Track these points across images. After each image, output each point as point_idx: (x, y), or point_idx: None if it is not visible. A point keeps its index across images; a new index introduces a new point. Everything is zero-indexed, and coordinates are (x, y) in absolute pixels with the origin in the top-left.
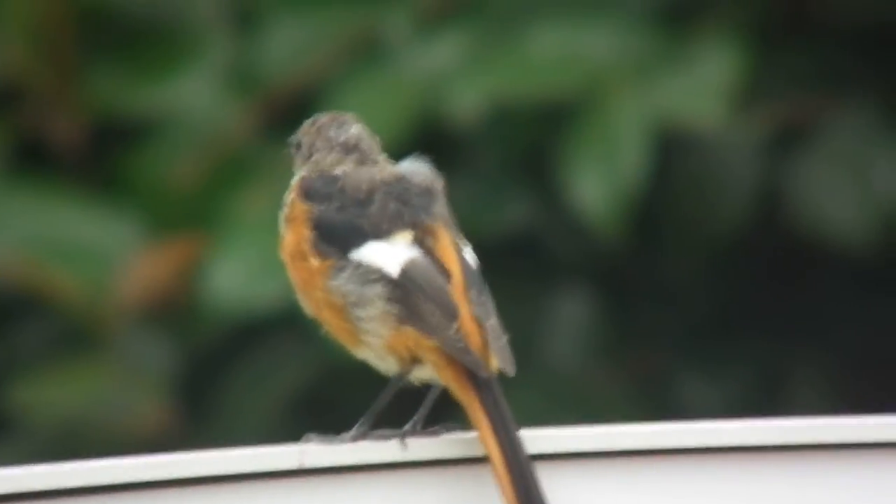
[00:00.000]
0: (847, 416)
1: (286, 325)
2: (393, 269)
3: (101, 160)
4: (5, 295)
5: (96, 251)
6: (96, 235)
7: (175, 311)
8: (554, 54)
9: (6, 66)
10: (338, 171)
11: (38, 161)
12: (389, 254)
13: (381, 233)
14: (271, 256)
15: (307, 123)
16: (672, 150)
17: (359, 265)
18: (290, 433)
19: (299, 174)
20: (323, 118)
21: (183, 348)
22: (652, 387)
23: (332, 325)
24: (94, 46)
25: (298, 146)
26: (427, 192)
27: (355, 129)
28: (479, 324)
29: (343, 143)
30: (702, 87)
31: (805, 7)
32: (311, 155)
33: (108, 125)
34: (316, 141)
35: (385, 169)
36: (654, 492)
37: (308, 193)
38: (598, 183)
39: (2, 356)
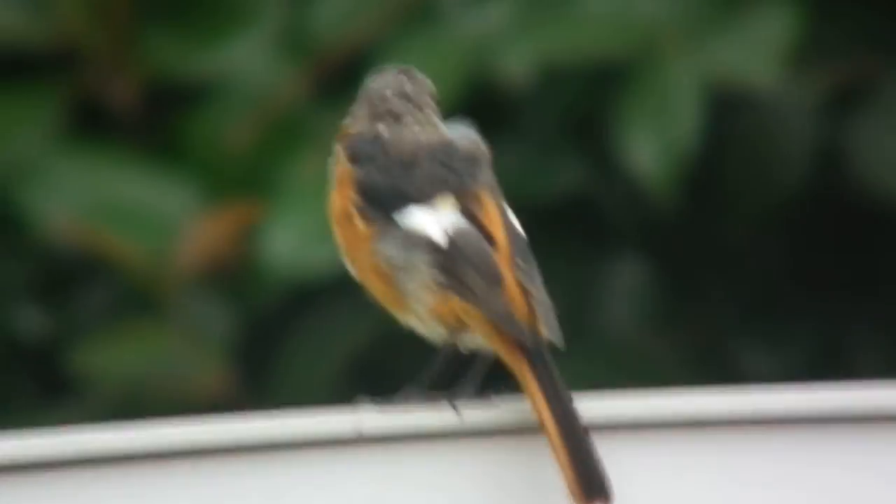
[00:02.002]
0: None
1: (341, 289)
2: (438, 235)
3: (157, 124)
4: (66, 259)
5: (155, 215)
6: (154, 199)
7: (232, 275)
8: (606, 15)
9: (63, 30)
10: (381, 130)
11: (95, 125)
12: (434, 220)
13: (425, 198)
14: (325, 220)
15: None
16: (727, 112)
17: (404, 230)
18: (344, 397)
19: (343, 125)
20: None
21: (240, 312)
22: (709, 354)
23: (377, 289)
24: (149, 10)
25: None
26: (472, 158)
27: (377, 83)
28: (524, 291)
29: (366, 95)
30: (757, 47)
31: None
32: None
33: (164, 89)
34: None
35: (430, 132)
36: (712, 460)
37: (354, 155)
38: (651, 145)
39: (64, 320)
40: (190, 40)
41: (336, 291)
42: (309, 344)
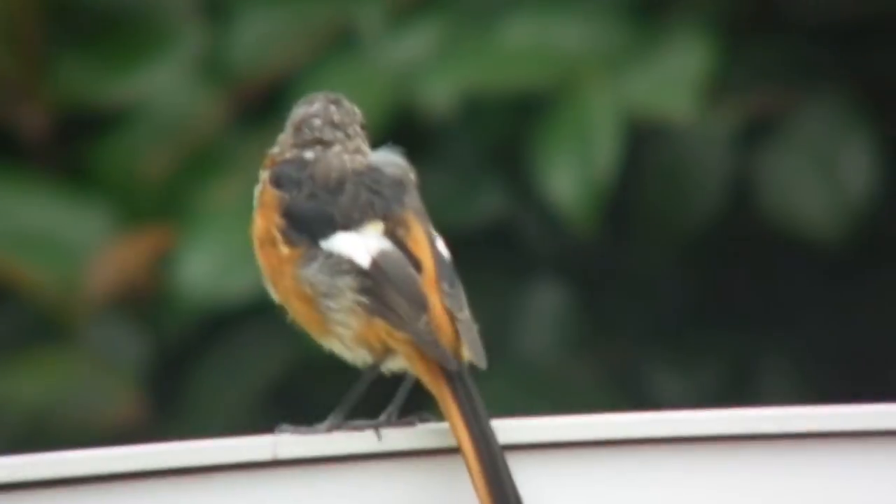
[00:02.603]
0: (817, 405)
1: (257, 316)
2: (363, 260)
3: (70, 151)
4: None
5: (65, 242)
6: (66, 226)
7: (145, 301)
8: (526, 46)
9: None
10: (307, 155)
11: (6, 152)
12: (360, 244)
13: (351, 223)
14: (241, 247)
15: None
16: (643, 143)
17: (329, 255)
18: (261, 425)
19: (270, 153)
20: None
21: (153, 339)
22: (624, 378)
23: (300, 313)
24: (62, 36)
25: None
26: (399, 183)
27: (305, 110)
28: (450, 316)
29: (293, 122)
30: (672, 80)
31: (773, 0)
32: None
33: (78, 115)
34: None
35: (356, 157)
36: (626, 481)
37: (279, 179)
38: (570, 174)
39: None
40: (104, 66)
41: (251, 318)
42: (222, 371)
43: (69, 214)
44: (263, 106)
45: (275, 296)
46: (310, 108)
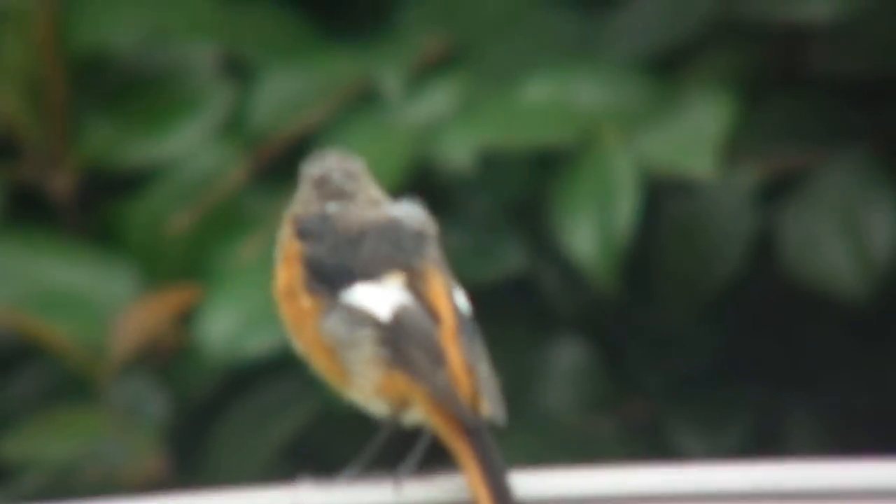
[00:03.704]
0: (841, 462)
1: (277, 371)
2: (383, 312)
3: (95, 211)
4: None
5: (91, 302)
6: (91, 286)
7: (168, 360)
8: (545, 104)
9: (0, 120)
10: (329, 209)
11: (32, 213)
12: (380, 297)
13: (371, 275)
14: (264, 305)
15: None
16: (664, 200)
17: (349, 307)
18: (283, 478)
19: (291, 211)
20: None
21: (176, 397)
22: (647, 434)
23: (321, 365)
24: (87, 97)
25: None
26: (419, 236)
27: (322, 166)
28: (469, 370)
29: (313, 179)
30: (692, 137)
31: (796, 57)
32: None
33: (103, 176)
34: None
35: (377, 210)
36: None
37: (301, 232)
38: (590, 232)
39: None
40: (129, 127)
41: (272, 374)
42: (244, 426)
43: (95, 275)
44: (285, 164)
45: (297, 348)
46: (324, 164)
